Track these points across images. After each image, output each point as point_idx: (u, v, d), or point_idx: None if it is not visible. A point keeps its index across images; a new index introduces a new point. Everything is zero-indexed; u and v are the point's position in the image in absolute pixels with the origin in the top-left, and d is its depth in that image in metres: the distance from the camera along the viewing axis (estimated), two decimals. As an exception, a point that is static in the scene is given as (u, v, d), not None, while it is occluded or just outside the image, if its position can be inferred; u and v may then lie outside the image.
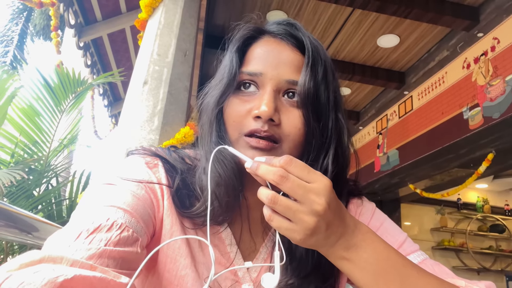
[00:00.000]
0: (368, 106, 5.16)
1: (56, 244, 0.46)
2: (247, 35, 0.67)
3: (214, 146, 0.63)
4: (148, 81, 2.13)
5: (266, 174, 0.49)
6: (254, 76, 0.62)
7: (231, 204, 0.63)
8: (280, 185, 0.49)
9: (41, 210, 2.59)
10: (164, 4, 2.38)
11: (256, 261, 0.68)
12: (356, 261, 0.52)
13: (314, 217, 0.48)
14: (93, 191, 0.58)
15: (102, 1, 3.71)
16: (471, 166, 3.99)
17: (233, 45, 0.67)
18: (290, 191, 0.48)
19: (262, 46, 0.65)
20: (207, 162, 0.63)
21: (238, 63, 0.64)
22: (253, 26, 0.69)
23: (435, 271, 0.62)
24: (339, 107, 0.67)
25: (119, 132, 2.11)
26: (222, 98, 0.64)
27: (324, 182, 0.50)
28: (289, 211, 0.49)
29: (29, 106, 2.58)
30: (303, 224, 0.49)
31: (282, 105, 0.62)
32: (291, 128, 0.61)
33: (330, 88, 0.64)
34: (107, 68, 4.72)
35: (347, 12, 3.49)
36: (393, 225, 0.72)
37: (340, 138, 0.65)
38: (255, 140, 0.59)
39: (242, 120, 0.61)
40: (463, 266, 6.14)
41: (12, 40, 9.04)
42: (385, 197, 5.71)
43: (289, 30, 0.66)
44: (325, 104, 0.63)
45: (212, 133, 0.65)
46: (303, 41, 0.65)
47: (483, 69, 3.24)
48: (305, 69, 0.62)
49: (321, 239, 0.51)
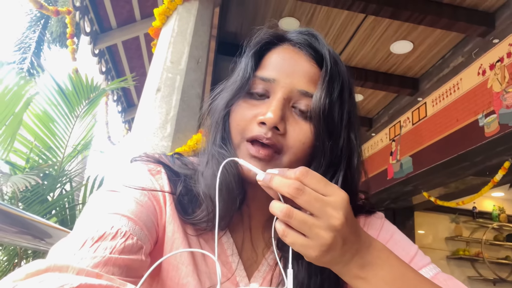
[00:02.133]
0: (381, 113, 5.11)
1: (61, 252, 0.46)
2: (266, 40, 0.66)
3: (217, 149, 0.62)
4: (161, 88, 2.14)
5: (281, 187, 0.47)
6: (267, 81, 0.61)
7: (233, 210, 0.62)
8: (295, 198, 0.46)
9: (55, 214, 2.62)
10: (177, 12, 2.41)
11: (258, 273, 0.67)
12: (372, 280, 0.50)
13: (331, 232, 0.46)
14: (97, 198, 0.58)
15: (117, 9, 3.78)
16: (486, 174, 3.91)
17: (250, 48, 0.66)
18: (306, 205, 0.46)
19: (279, 53, 0.64)
20: (207, 166, 0.63)
21: (253, 67, 0.63)
22: (274, 32, 0.68)
23: (449, 286, 0.60)
24: (353, 127, 0.64)
25: (132, 139, 2.13)
26: (232, 100, 0.63)
27: (342, 196, 0.48)
28: (305, 226, 0.46)
29: (44, 112, 2.62)
30: (319, 240, 0.46)
31: (290, 115, 0.60)
32: (295, 141, 0.59)
33: (344, 107, 0.63)
34: (121, 75, 4.78)
35: (360, 19, 3.48)
36: (403, 237, 0.70)
37: (350, 160, 0.63)
38: (255, 149, 0.58)
39: (246, 124, 0.60)
40: (478, 277, 6.00)
41: (30, 47, 9.25)
42: (398, 205, 5.62)
43: (308, 41, 0.65)
44: (338, 123, 0.61)
45: (217, 135, 0.64)
46: (322, 53, 0.63)
47: (499, 75, 3.18)
48: (321, 83, 0.61)
49: (337, 256, 0.48)
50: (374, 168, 4.98)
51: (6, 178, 2.19)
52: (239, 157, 0.60)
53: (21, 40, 9.33)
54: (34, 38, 9.29)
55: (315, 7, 3.38)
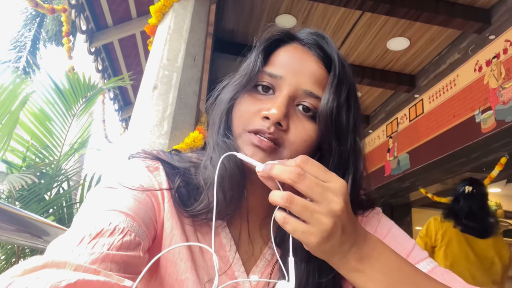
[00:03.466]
0: (378, 110, 5.12)
1: (59, 249, 0.46)
2: (276, 37, 0.67)
3: (221, 138, 0.63)
4: (158, 85, 2.14)
5: (282, 173, 0.48)
6: (274, 78, 0.62)
7: (235, 198, 0.62)
8: (297, 183, 0.47)
9: (52, 213, 2.62)
10: (173, 9, 2.40)
11: (256, 269, 0.67)
12: (369, 273, 0.51)
13: (331, 218, 0.47)
14: (95, 195, 0.58)
15: (113, 6, 3.76)
16: (483, 170, 3.93)
17: (260, 44, 0.67)
18: (307, 190, 0.47)
19: (288, 51, 0.65)
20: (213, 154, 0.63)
21: (262, 62, 0.64)
22: (284, 30, 0.69)
23: (446, 280, 0.61)
24: (358, 131, 0.65)
25: (129, 137, 2.12)
26: (238, 93, 0.64)
27: (341, 182, 0.49)
28: (306, 211, 0.47)
29: (41, 111, 2.61)
30: (320, 226, 0.47)
31: (294, 113, 0.61)
32: (297, 138, 0.60)
33: (351, 111, 0.63)
34: (118, 73, 4.76)
35: (356, 16, 3.48)
36: (400, 231, 0.71)
37: (357, 163, 0.64)
38: (258, 139, 0.58)
39: (250, 117, 0.61)
40: (476, 272, 6.04)
41: (25, 45, 9.20)
42: (395, 202, 5.64)
43: (318, 42, 0.66)
44: (345, 126, 0.62)
45: (221, 125, 0.65)
46: (330, 55, 0.64)
47: (495, 71, 3.19)
48: (329, 86, 0.61)
49: (336, 245, 0.49)
50: (371, 165, 4.93)
51: (2, 177, 2.18)
52: (240, 146, 0.60)
53: (16, 38, 9.28)
54: (30, 36, 9.25)
55: (312, 4, 3.38)
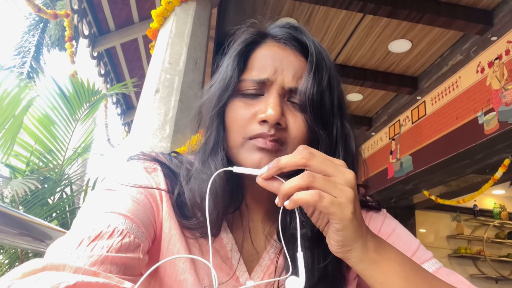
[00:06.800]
0: (380, 112, 5.11)
1: (58, 252, 0.46)
2: (249, 39, 0.66)
3: (211, 153, 0.62)
4: (160, 89, 2.15)
5: (292, 159, 0.49)
6: (259, 83, 0.61)
7: (223, 216, 0.62)
8: (310, 160, 0.48)
9: (55, 218, 2.62)
10: (175, 13, 2.41)
11: (259, 267, 0.66)
12: (386, 264, 0.51)
13: (349, 187, 0.48)
14: (93, 197, 0.58)
15: (115, 11, 3.78)
16: (487, 172, 3.91)
17: (233, 50, 0.66)
18: (321, 164, 0.48)
19: (265, 51, 0.64)
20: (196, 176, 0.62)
21: (235, 69, 0.63)
22: (255, 30, 0.67)
23: (451, 281, 0.60)
24: (344, 114, 0.65)
25: (131, 140, 2.13)
26: (218, 105, 0.63)
27: (341, 160, 0.51)
28: (329, 183, 0.47)
29: (45, 115, 2.62)
30: (345, 194, 0.47)
31: (288, 109, 0.61)
32: (298, 132, 0.60)
33: (334, 94, 0.63)
34: (120, 77, 4.78)
35: (358, 18, 3.48)
36: (405, 231, 0.70)
37: (346, 145, 0.64)
38: (262, 141, 0.58)
39: (247, 124, 0.60)
40: (480, 275, 5.99)
41: (29, 51, 9.25)
42: (399, 204, 5.62)
43: (292, 34, 0.65)
44: (329, 110, 0.62)
45: (210, 139, 0.64)
46: (307, 45, 0.63)
47: (498, 73, 3.19)
48: (307, 74, 0.61)
49: (360, 219, 0.50)
50: (374, 167, 4.98)
51: (6, 183, 2.19)
52: (243, 156, 0.60)
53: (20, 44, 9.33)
54: (34, 42, 9.30)
55: (313, 7, 3.38)
